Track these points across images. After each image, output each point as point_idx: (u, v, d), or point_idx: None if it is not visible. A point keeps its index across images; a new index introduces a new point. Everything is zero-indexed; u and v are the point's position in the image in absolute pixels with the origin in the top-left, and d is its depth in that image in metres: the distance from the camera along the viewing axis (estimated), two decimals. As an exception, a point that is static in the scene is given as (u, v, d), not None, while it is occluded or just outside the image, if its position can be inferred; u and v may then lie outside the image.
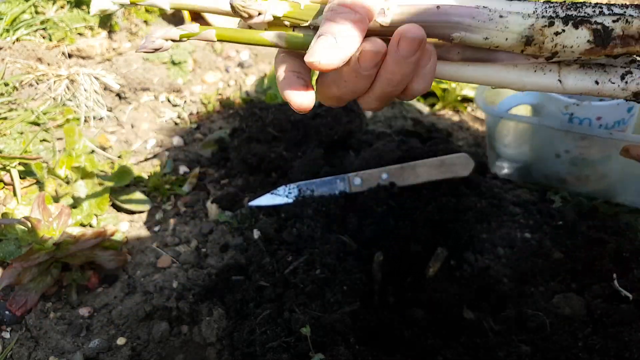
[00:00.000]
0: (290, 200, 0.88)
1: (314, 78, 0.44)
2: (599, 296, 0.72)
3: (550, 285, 0.75)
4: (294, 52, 0.43)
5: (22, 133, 1.08)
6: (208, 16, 1.63)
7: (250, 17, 0.41)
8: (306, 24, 0.42)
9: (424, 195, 0.88)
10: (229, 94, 1.38)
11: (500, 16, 0.38)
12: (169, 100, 1.34)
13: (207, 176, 1.08)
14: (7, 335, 0.74)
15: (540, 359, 0.65)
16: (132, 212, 0.97)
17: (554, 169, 0.91)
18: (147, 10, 1.75)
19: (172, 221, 0.96)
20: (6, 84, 1.20)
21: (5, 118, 1.12)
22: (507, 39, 0.38)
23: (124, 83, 1.31)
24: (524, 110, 0.95)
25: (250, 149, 1.02)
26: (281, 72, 0.43)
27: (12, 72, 1.23)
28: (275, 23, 0.43)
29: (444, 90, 1.30)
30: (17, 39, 1.38)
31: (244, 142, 1.05)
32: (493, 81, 0.43)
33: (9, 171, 0.95)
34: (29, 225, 0.76)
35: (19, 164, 0.96)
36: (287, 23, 0.43)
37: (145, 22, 1.72)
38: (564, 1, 0.42)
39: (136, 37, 1.63)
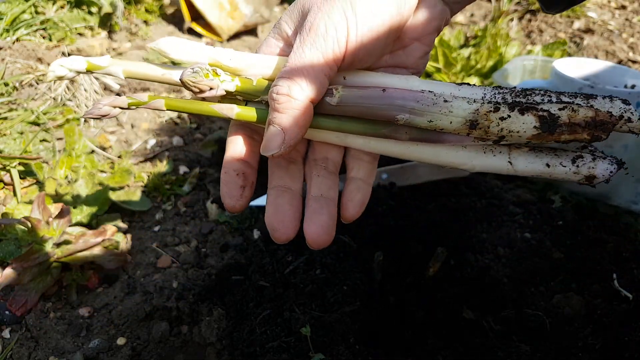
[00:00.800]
0: (290, 200, 0.88)
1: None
2: (599, 296, 0.72)
3: (550, 285, 0.75)
4: (246, 123, 0.45)
5: (22, 133, 1.08)
6: (207, 15, 1.63)
7: (202, 91, 0.42)
8: (258, 99, 0.44)
9: (424, 195, 0.88)
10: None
11: (445, 100, 0.39)
12: (169, 100, 1.34)
13: (207, 176, 1.08)
14: (7, 335, 0.74)
15: (540, 359, 0.65)
16: (132, 212, 0.97)
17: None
18: (147, 10, 1.75)
19: (172, 221, 0.96)
20: (6, 84, 1.20)
21: (5, 118, 1.12)
22: (451, 122, 0.40)
23: (124, 83, 1.31)
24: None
25: (250, 149, 1.01)
26: (227, 162, 0.46)
27: (12, 72, 1.23)
28: (227, 96, 0.44)
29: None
30: (17, 39, 1.38)
31: (244, 142, 1.05)
32: (442, 161, 0.44)
33: (9, 171, 0.95)
34: (29, 225, 0.76)
35: (19, 164, 0.96)
36: (239, 97, 0.45)
37: (145, 22, 1.72)
38: (514, 88, 0.43)
39: (136, 37, 1.63)
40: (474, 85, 0.45)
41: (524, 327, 0.69)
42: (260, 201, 0.90)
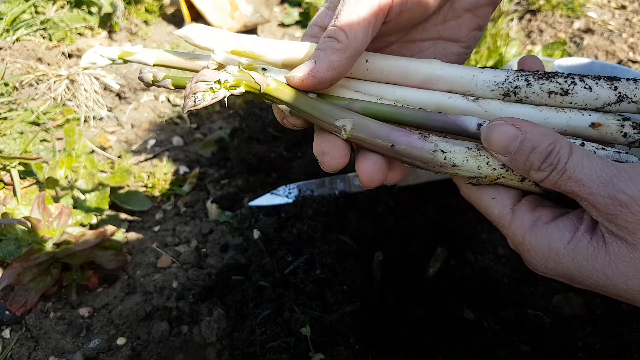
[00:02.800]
0: (290, 200, 0.88)
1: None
2: (599, 296, 0.72)
3: (550, 285, 0.75)
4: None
5: (22, 133, 1.08)
6: (207, 16, 1.63)
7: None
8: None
9: (424, 195, 0.88)
10: (229, 94, 1.38)
11: (454, 165, 0.42)
12: (169, 101, 1.34)
13: (207, 176, 1.08)
14: (7, 335, 0.74)
15: (540, 359, 0.65)
16: (132, 212, 0.97)
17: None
18: (147, 10, 1.75)
19: (172, 221, 0.96)
20: (6, 84, 1.20)
21: (5, 118, 1.12)
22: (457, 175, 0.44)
23: (124, 83, 1.31)
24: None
25: (250, 149, 1.02)
26: None
27: (12, 72, 1.23)
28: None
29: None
30: (17, 39, 1.38)
31: (244, 142, 1.05)
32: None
33: (9, 171, 0.95)
34: (29, 225, 0.76)
35: (19, 163, 0.96)
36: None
37: (145, 22, 1.72)
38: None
39: (136, 37, 1.63)
40: (496, 69, 0.46)
41: (524, 327, 0.69)
42: (260, 201, 0.90)
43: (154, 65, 0.47)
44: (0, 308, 0.76)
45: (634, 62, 1.53)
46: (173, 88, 0.45)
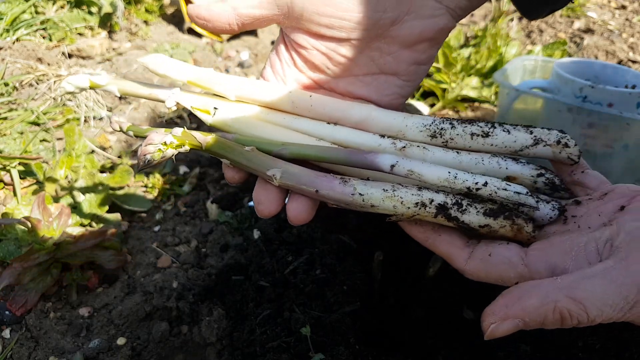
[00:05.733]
0: (290, 200, 0.88)
1: None
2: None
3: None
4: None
5: (22, 133, 1.08)
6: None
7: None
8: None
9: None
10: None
11: (372, 205, 0.46)
12: (169, 100, 1.34)
13: (207, 176, 1.08)
14: (7, 335, 0.74)
15: (540, 359, 0.65)
16: (132, 212, 0.97)
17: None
18: (147, 10, 1.75)
19: (172, 221, 0.96)
20: (6, 84, 1.20)
21: (5, 118, 1.12)
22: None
23: (124, 83, 1.31)
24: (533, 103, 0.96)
25: (250, 149, 1.01)
26: None
27: (12, 72, 1.23)
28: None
29: (444, 90, 1.30)
30: (17, 39, 1.38)
31: (244, 142, 1.05)
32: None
33: (9, 171, 0.95)
34: (29, 225, 0.76)
35: (19, 164, 0.96)
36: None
37: (145, 22, 1.72)
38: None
39: (136, 37, 1.63)
40: (424, 116, 0.52)
41: (524, 327, 0.69)
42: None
43: (119, 94, 0.54)
44: (0, 308, 0.76)
45: (634, 62, 1.53)
46: (134, 137, 0.53)
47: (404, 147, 0.49)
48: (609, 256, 0.37)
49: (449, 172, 0.45)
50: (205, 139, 0.47)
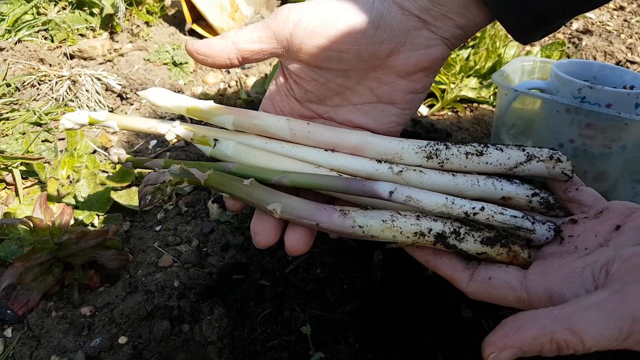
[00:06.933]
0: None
1: None
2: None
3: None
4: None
5: (24, 133, 1.09)
6: (208, 17, 1.63)
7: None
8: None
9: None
10: (229, 94, 1.39)
11: (372, 236, 0.47)
12: (169, 101, 1.35)
13: (208, 176, 1.08)
14: (9, 334, 0.74)
15: (539, 358, 0.65)
16: (133, 212, 0.98)
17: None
18: (148, 12, 1.76)
19: (173, 221, 0.97)
20: (8, 85, 1.20)
21: (7, 118, 1.13)
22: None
23: (125, 84, 1.32)
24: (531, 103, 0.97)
25: (251, 150, 1.02)
26: None
27: (14, 72, 1.24)
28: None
29: (443, 91, 1.31)
30: (19, 40, 1.39)
31: (244, 142, 1.05)
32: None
33: (11, 171, 0.95)
34: (31, 225, 0.76)
35: (21, 164, 0.97)
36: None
37: (147, 23, 1.73)
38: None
39: (137, 38, 1.64)
40: (416, 140, 0.53)
41: (522, 326, 0.70)
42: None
43: (119, 129, 0.55)
44: (2, 307, 0.76)
45: (632, 62, 1.53)
46: (134, 168, 0.55)
47: (401, 171, 0.50)
48: (605, 284, 0.38)
49: (447, 198, 0.46)
50: (203, 175, 0.48)
